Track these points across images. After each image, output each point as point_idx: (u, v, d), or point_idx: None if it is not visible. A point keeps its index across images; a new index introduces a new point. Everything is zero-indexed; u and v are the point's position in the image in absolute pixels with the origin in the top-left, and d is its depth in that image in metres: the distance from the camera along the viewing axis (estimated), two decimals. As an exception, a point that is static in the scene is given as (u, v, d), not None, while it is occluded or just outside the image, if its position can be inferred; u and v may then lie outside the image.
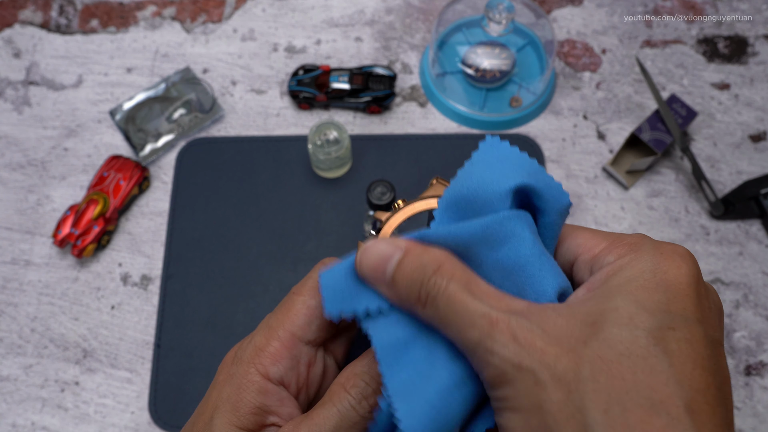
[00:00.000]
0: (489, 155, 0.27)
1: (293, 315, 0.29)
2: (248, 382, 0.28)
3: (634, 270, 0.24)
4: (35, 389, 0.67)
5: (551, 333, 0.23)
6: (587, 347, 0.22)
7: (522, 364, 0.22)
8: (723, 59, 0.83)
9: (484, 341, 0.23)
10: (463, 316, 0.24)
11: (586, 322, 0.23)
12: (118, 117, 0.79)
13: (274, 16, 0.86)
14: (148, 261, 0.72)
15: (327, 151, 0.71)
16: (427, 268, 0.25)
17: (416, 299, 0.25)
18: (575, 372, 0.22)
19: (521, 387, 0.22)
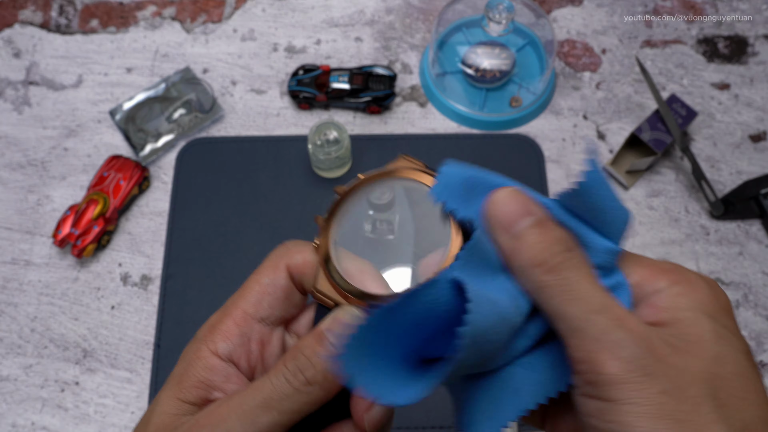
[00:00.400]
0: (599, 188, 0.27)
1: (246, 292, 0.29)
2: (196, 357, 0.28)
3: (698, 296, 0.25)
4: (35, 389, 0.67)
5: (672, 345, 0.24)
6: (702, 363, 0.23)
7: (651, 370, 0.23)
8: (723, 59, 0.83)
9: (613, 331, 0.23)
10: (591, 298, 0.24)
11: (691, 341, 0.24)
12: (118, 117, 0.79)
13: (274, 16, 0.86)
14: (148, 261, 0.72)
15: (327, 151, 0.71)
16: (563, 242, 0.25)
17: (541, 262, 0.25)
18: (696, 388, 0.23)
19: (648, 393, 0.22)
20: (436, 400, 0.65)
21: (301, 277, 0.30)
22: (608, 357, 0.23)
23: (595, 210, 0.26)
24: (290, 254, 0.30)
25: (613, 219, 0.27)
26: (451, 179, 0.27)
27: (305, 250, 0.30)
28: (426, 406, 0.65)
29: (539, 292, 0.25)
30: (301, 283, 0.30)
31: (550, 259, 0.25)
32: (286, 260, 0.30)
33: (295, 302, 0.30)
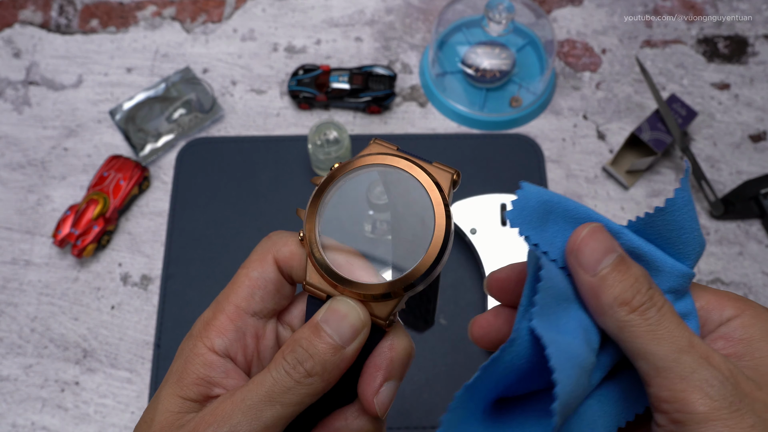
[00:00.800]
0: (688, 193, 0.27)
1: (237, 287, 0.30)
2: (194, 354, 0.28)
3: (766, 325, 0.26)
4: (35, 389, 0.67)
5: (753, 378, 0.24)
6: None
7: (739, 406, 0.23)
8: (723, 59, 0.83)
9: (701, 370, 0.23)
10: (676, 338, 0.24)
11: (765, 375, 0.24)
12: (118, 117, 0.79)
13: (274, 16, 0.86)
14: (148, 261, 0.72)
15: (327, 151, 0.71)
16: (645, 279, 0.26)
17: (625, 302, 0.25)
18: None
19: (737, 428, 0.23)
20: (435, 401, 0.65)
21: (289, 269, 0.30)
22: (698, 396, 0.23)
23: (676, 230, 0.27)
24: (277, 246, 0.30)
25: (690, 241, 0.27)
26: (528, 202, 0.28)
27: (291, 242, 0.30)
28: (426, 406, 0.65)
29: (622, 332, 0.25)
30: (290, 275, 0.30)
31: (634, 298, 0.25)
32: (273, 253, 0.30)
33: (286, 293, 0.31)
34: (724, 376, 0.23)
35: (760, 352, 0.25)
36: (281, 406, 0.26)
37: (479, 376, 0.25)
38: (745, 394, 0.23)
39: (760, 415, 0.23)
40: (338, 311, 0.28)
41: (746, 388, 0.23)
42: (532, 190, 0.27)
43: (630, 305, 0.25)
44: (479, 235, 0.67)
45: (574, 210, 0.28)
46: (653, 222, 0.27)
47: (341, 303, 0.28)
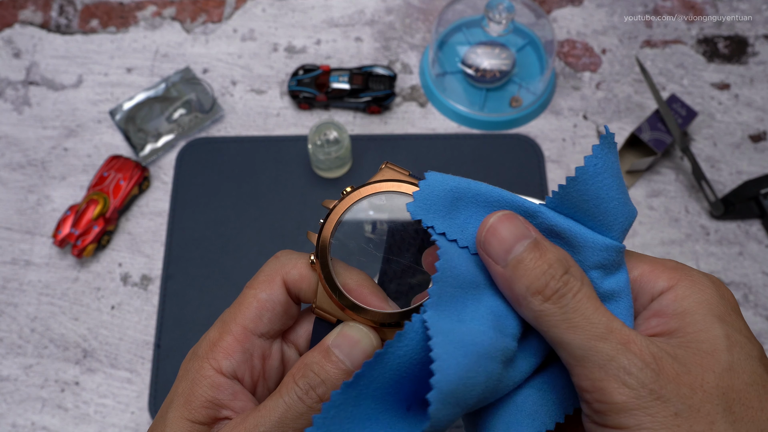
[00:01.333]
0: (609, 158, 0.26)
1: (244, 309, 0.29)
2: (201, 376, 0.28)
3: (704, 296, 0.25)
4: (35, 389, 0.67)
5: (680, 361, 0.23)
6: (714, 376, 0.22)
7: (660, 392, 0.22)
8: (723, 59, 0.83)
9: (618, 358, 0.22)
10: (593, 325, 0.23)
11: (702, 351, 0.23)
12: (118, 117, 0.79)
13: (274, 16, 0.86)
14: (148, 261, 0.72)
15: (327, 151, 0.71)
16: (560, 263, 0.24)
17: (537, 290, 0.24)
18: (711, 404, 0.22)
19: (659, 417, 0.22)
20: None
21: (298, 291, 0.30)
22: (615, 385, 0.22)
23: (593, 200, 0.25)
24: (286, 268, 0.30)
25: (612, 211, 0.26)
26: (433, 191, 0.26)
27: (300, 264, 0.30)
28: (426, 406, 0.64)
29: (538, 322, 0.24)
30: (298, 296, 0.30)
31: (547, 285, 0.24)
32: (282, 275, 0.29)
33: (292, 314, 0.30)
34: (644, 363, 0.22)
35: (693, 327, 0.24)
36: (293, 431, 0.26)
37: (360, 374, 0.24)
38: (670, 380, 0.22)
39: (686, 401, 0.22)
40: (350, 336, 0.28)
41: (671, 373, 0.22)
42: (436, 179, 0.26)
43: (543, 294, 0.24)
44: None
45: (487, 194, 0.27)
46: (568, 195, 0.26)
47: (353, 329, 0.28)
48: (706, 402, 0.22)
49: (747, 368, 0.23)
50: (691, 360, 0.23)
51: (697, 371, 0.23)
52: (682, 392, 0.22)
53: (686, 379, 0.22)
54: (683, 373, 0.22)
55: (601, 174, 0.25)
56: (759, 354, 0.24)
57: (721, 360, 0.23)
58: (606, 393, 0.23)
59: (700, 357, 0.23)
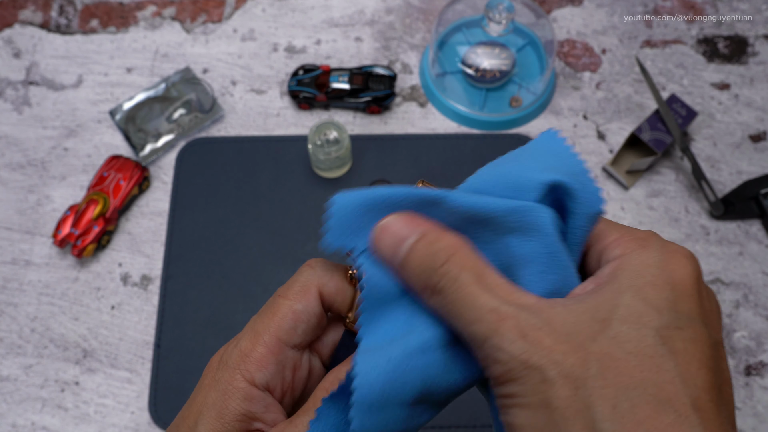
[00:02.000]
0: (540, 146, 0.26)
1: (279, 319, 0.28)
2: (234, 388, 0.27)
3: (641, 266, 0.24)
4: (35, 389, 0.67)
5: (559, 329, 0.23)
6: (595, 344, 0.22)
7: (529, 362, 0.22)
8: (723, 59, 0.83)
9: (492, 337, 0.23)
10: (471, 310, 0.24)
11: (595, 318, 0.23)
12: (118, 117, 0.79)
13: (274, 16, 0.86)
14: (148, 261, 0.72)
15: (327, 151, 0.71)
16: (439, 256, 0.25)
17: (424, 286, 0.25)
18: (583, 369, 0.22)
19: (529, 384, 0.22)
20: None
21: (332, 303, 0.29)
22: (491, 362, 0.23)
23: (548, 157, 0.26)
24: (323, 281, 0.29)
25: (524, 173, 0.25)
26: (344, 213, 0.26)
27: (337, 277, 0.29)
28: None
29: (439, 314, 0.25)
30: (330, 308, 0.30)
31: (430, 279, 0.25)
32: (318, 286, 0.29)
33: (323, 325, 0.30)
34: (516, 336, 0.23)
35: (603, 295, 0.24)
36: None
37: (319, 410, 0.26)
38: (542, 348, 0.22)
39: (556, 367, 0.22)
40: None
41: (546, 342, 0.22)
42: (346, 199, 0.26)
43: (429, 289, 0.25)
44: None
45: (392, 197, 0.26)
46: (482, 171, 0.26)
47: None
48: (577, 368, 0.22)
49: (631, 338, 0.22)
50: (579, 328, 0.23)
51: (578, 339, 0.22)
52: (554, 358, 0.22)
53: (562, 347, 0.22)
54: (558, 342, 0.22)
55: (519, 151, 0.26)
56: (661, 326, 0.22)
57: (608, 329, 0.22)
58: (488, 369, 0.24)
59: (589, 325, 0.23)
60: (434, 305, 0.25)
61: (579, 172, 0.26)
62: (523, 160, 0.26)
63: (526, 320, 0.23)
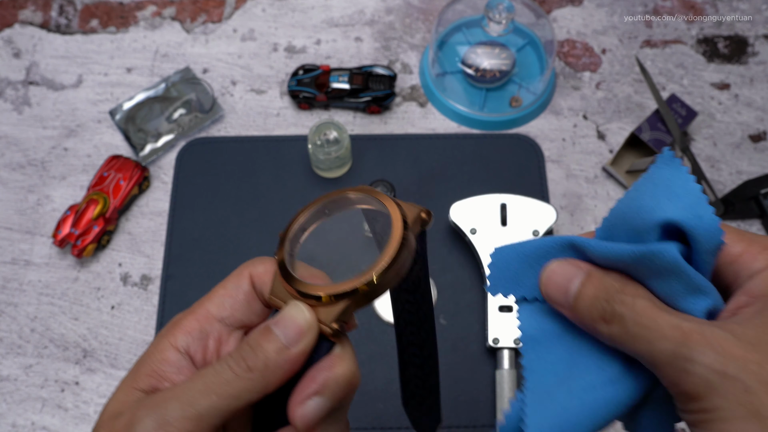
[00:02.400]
0: (658, 175, 0.27)
1: (211, 295, 0.31)
2: (155, 350, 0.30)
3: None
4: (35, 389, 0.67)
5: (746, 341, 0.24)
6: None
7: (727, 372, 0.23)
8: (723, 59, 0.83)
9: (681, 350, 0.24)
10: (653, 329, 0.25)
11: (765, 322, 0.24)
12: (118, 117, 0.79)
13: (274, 16, 0.86)
14: (148, 261, 0.72)
15: (327, 151, 0.71)
16: (611, 287, 0.26)
17: (600, 317, 0.26)
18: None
19: (732, 396, 0.23)
20: (436, 400, 0.65)
21: (261, 285, 0.31)
22: (684, 377, 0.24)
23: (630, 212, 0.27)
24: (254, 264, 0.32)
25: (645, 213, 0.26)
26: (501, 266, 0.29)
27: (267, 262, 0.32)
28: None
29: (615, 343, 0.26)
30: (262, 293, 0.31)
31: (604, 310, 0.26)
32: (249, 269, 0.32)
33: (256, 310, 0.32)
34: (708, 348, 0.23)
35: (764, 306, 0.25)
36: (217, 397, 0.27)
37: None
38: (736, 359, 0.23)
39: (755, 376, 0.23)
40: (288, 314, 0.29)
41: (737, 352, 0.23)
42: (503, 253, 0.29)
43: (604, 319, 0.26)
44: (479, 235, 0.67)
45: (542, 246, 0.29)
46: (610, 221, 0.28)
47: (292, 307, 0.29)
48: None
49: None
50: (759, 339, 0.24)
51: (763, 348, 0.23)
52: (750, 368, 0.23)
53: (755, 356, 0.23)
54: (749, 351, 0.23)
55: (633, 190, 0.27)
56: None
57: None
58: (680, 386, 0.24)
59: (762, 328, 0.24)
60: (611, 334, 0.26)
61: (695, 203, 0.26)
62: (643, 195, 0.27)
63: (711, 333, 0.24)
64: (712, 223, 0.26)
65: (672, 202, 0.26)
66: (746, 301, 0.26)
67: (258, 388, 0.27)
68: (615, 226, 0.28)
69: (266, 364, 0.27)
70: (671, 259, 0.25)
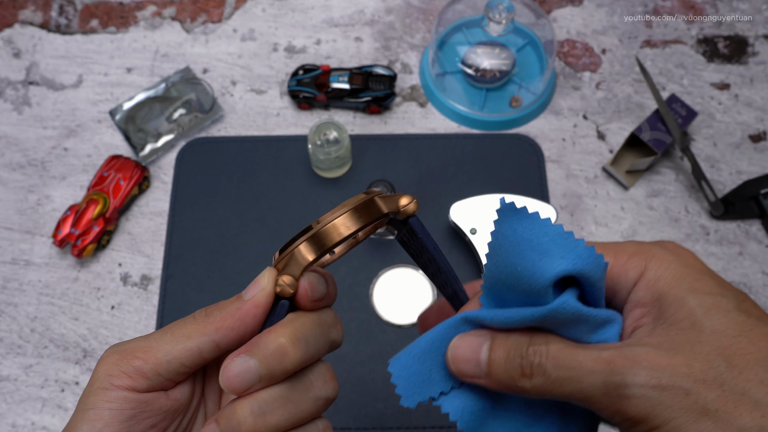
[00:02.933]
0: (512, 233, 0.26)
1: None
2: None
3: (670, 272, 0.26)
4: (35, 389, 0.67)
5: (663, 348, 0.24)
6: (704, 345, 0.24)
7: (663, 384, 0.23)
8: (723, 59, 0.83)
9: (612, 379, 0.24)
10: (576, 368, 0.25)
11: (683, 329, 0.24)
12: (118, 117, 0.79)
13: (274, 16, 0.86)
14: (148, 261, 0.72)
15: (327, 151, 0.71)
16: (521, 342, 0.26)
17: (519, 374, 0.26)
18: (712, 369, 0.23)
19: (676, 404, 0.23)
20: (436, 400, 0.65)
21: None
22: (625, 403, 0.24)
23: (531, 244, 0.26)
24: None
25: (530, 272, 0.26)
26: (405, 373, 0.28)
27: None
28: (425, 406, 0.65)
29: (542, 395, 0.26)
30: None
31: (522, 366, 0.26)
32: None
33: None
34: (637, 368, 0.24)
35: (670, 309, 0.25)
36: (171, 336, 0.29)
37: None
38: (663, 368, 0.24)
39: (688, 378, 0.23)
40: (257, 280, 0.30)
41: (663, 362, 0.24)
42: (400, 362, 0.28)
43: (524, 374, 0.26)
44: (479, 235, 0.67)
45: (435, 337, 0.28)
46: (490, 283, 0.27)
47: (263, 273, 0.30)
48: (708, 370, 0.23)
49: (728, 324, 0.24)
50: (678, 341, 0.24)
51: (686, 349, 0.24)
52: (681, 372, 0.23)
53: (679, 360, 0.23)
54: (674, 357, 0.24)
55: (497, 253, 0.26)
56: (735, 304, 0.25)
57: (703, 329, 0.24)
58: (622, 413, 0.24)
59: (684, 335, 0.24)
60: (535, 387, 0.26)
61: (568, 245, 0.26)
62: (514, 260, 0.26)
63: (633, 353, 0.24)
64: (592, 255, 0.25)
65: (547, 258, 0.25)
66: (640, 312, 0.26)
67: (210, 331, 0.29)
68: (500, 292, 0.27)
69: (221, 311, 0.29)
70: (572, 311, 0.26)
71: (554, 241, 0.25)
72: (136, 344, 0.29)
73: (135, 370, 0.28)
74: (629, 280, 0.27)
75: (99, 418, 0.28)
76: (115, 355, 0.29)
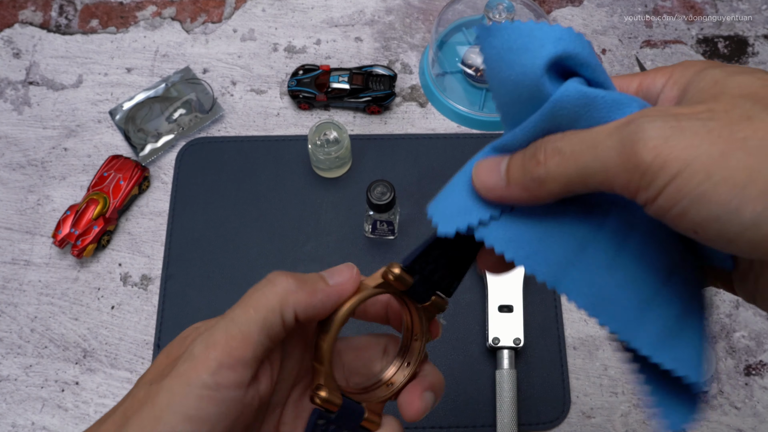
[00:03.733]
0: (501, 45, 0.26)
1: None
2: None
3: (695, 68, 0.26)
4: (35, 389, 0.67)
5: (684, 102, 0.25)
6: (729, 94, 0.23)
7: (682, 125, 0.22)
8: (723, 59, 0.83)
9: (627, 129, 0.22)
10: (591, 138, 0.24)
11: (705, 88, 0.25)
12: (118, 117, 0.79)
13: (274, 16, 0.86)
14: (148, 261, 0.72)
15: (327, 151, 0.71)
16: (535, 144, 0.26)
17: (535, 163, 0.25)
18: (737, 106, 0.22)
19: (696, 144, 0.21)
20: (436, 400, 0.65)
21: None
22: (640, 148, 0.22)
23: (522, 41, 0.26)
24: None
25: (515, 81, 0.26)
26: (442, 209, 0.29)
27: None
28: (426, 406, 0.65)
29: (567, 186, 0.25)
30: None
31: (535, 158, 0.26)
32: None
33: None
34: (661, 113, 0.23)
35: (693, 90, 0.25)
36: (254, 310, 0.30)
37: None
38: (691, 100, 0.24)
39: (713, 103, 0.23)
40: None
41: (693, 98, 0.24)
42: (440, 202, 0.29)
43: (539, 161, 0.25)
44: (479, 235, 0.67)
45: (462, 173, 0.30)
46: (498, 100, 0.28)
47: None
48: (733, 109, 0.22)
49: (753, 80, 0.23)
50: (699, 97, 0.24)
51: (708, 99, 0.23)
52: (701, 113, 0.22)
53: (700, 107, 0.23)
54: (694, 106, 0.23)
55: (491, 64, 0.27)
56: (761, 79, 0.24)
57: (727, 84, 0.24)
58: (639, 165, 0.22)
59: (706, 91, 0.24)
60: (550, 174, 0.25)
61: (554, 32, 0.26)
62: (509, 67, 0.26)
63: (648, 111, 0.23)
64: (570, 33, 0.25)
65: (530, 53, 0.25)
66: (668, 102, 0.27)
67: (291, 303, 0.30)
68: (511, 114, 0.27)
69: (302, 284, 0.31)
70: (577, 94, 0.25)
71: (530, 36, 0.25)
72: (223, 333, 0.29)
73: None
74: (657, 86, 0.27)
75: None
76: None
